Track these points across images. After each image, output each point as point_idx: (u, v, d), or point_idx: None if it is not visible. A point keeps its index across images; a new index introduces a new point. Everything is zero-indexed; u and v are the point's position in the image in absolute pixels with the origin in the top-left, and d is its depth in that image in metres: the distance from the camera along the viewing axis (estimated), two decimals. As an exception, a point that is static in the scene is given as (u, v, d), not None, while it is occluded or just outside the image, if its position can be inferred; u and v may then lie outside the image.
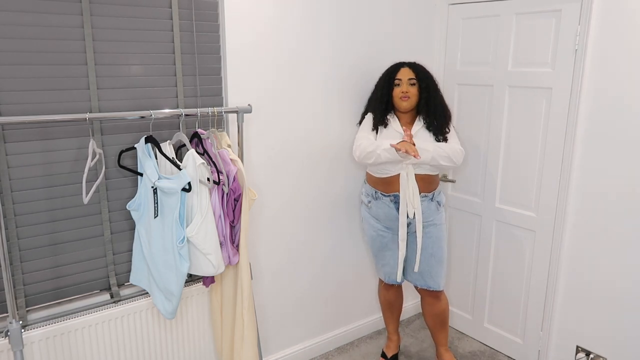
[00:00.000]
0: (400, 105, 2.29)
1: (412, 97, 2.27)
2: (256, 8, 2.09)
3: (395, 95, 2.30)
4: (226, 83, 2.08)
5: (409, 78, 2.28)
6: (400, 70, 2.30)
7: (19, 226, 1.74)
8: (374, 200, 2.36)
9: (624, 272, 2.15)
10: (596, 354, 2.30)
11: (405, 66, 2.31)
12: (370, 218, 2.41)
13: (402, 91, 2.27)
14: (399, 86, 2.28)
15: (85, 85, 1.78)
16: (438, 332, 2.49)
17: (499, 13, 2.45)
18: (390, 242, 2.39)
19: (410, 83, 2.28)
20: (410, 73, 2.28)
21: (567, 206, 2.30)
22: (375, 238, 2.42)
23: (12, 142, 1.68)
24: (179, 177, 1.74)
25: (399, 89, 2.28)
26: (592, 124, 2.17)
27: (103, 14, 1.77)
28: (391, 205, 2.31)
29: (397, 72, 2.30)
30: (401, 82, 2.28)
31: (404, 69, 2.30)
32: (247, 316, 2.00)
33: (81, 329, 1.84)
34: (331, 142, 2.48)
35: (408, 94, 2.26)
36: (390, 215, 2.33)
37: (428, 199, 2.31)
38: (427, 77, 2.31)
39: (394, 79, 2.30)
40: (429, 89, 2.29)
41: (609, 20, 2.06)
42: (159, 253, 1.83)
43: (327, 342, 2.73)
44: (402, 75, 2.28)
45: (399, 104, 2.29)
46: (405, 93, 2.26)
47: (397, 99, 2.29)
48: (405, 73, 2.28)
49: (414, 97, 2.28)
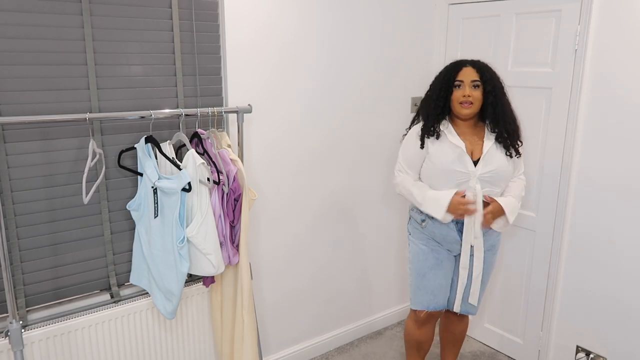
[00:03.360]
0: (461, 112, 1.94)
1: (475, 102, 1.92)
2: (256, 8, 2.09)
3: (454, 100, 1.94)
4: (226, 83, 2.08)
5: (472, 80, 1.93)
6: (462, 70, 1.95)
7: (19, 226, 1.74)
8: (429, 219, 2.02)
9: (624, 272, 2.15)
10: (596, 354, 2.30)
11: (468, 65, 1.96)
12: (421, 235, 2.08)
13: (465, 95, 1.91)
14: (460, 88, 1.93)
15: (85, 85, 1.78)
16: (450, 350, 2.36)
17: (499, 13, 2.45)
18: (446, 259, 2.06)
19: (473, 85, 1.93)
20: (474, 73, 1.93)
21: (567, 206, 2.30)
22: (427, 253, 2.05)
23: (12, 142, 1.68)
24: (179, 177, 1.74)
25: (459, 92, 1.93)
26: (592, 124, 2.17)
27: (103, 14, 1.77)
28: (451, 226, 2.00)
29: (459, 71, 1.95)
30: (463, 84, 1.93)
31: (466, 69, 1.94)
32: (247, 316, 2.00)
33: (81, 329, 1.84)
34: (332, 141, 2.48)
35: (471, 98, 1.91)
36: (448, 237, 2.02)
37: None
38: (494, 79, 1.95)
39: (454, 79, 1.95)
40: (495, 92, 1.94)
41: (608, 20, 2.06)
42: (159, 253, 1.83)
43: (327, 342, 2.73)
44: (464, 76, 1.93)
45: (459, 111, 1.94)
46: (468, 97, 1.91)
47: (456, 104, 1.94)
48: (468, 73, 1.93)
49: (478, 102, 1.93)
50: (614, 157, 2.11)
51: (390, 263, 2.92)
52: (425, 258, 2.06)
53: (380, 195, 2.75)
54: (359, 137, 2.58)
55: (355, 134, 2.56)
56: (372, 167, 2.67)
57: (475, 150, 1.97)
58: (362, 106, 2.55)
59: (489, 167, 1.93)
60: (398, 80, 2.67)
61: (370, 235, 2.78)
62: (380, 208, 2.78)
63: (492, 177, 1.94)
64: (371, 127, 2.61)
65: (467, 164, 1.93)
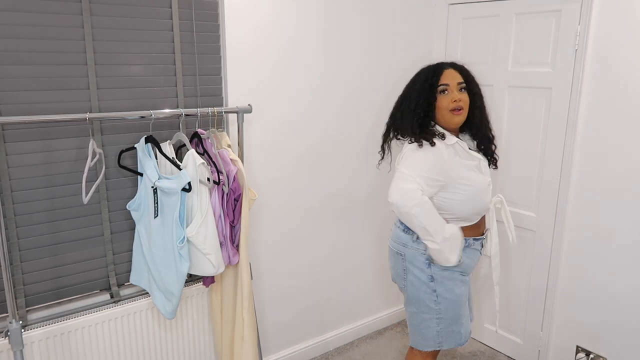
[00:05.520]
0: (453, 121, 1.69)
1: (465, 107, 1.70)
2: (256, 8, 2.09)
3: (442, 108, 1.69)
4: (226, 83, 2.08)
5: (459, 82, 1.70)
6: (444, 73, 1.71)
7: (19, 226, 1.74)
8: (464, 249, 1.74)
9: (624, 272, 2.15)
10: (596, 354, 2.30)
11: (448, 67, 1.73)
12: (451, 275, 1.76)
13: (455, 100, 1.67)
14: (447, 94, 1.69)
15: (85, 85, 1.78)
16: None
17: (499, 13, 2.45)
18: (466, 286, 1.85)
19: (460, 88, 1.70)
20: (458, 75, 1.71)
21: (567, 206, 2.30)
22: (461, 295, 1.78)
23: (12, 142, 1.68)
24: (179, 177, 1.74)
25: (447, 98, 1.68)
26: (592, 124, 2.17)
27: (103, 14, 1.77)
28: (478, 247, 1.83)
29: (441, 74, 1.71)
30: (449, 88, 1.69)
31: (448, 71, 1.72)
32: (247, 316, 2.00)
33: (81, 329, 1.84)
34: (332, 141, 2.48)
35: (461, 103, 1.68)
36: (475, 262, 1.83)
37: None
38: (475, 80, 1.76)
39: (437, 84, 1.70)
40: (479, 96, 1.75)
41: (609, 20, 2.06)
42: (159, 253, 1.83)
43: (327, 342, 2.73)
44: (448, 79, 1.69)
45: (450, 120, 1.69)
46: (459, 102, 1.67)
47: (445, 112, 1.69)
48: (452, 75, 1.70)
49: (467, 107, 1.71)
50: (614, 157, 2.11)
51: (390, 263, 2.92)
52: (459, 300, 1.77)
53: (380, 195, 2.75)
54: (358, 137, 2.58)
55: (355, 133, 2.56)
56: (372, 167, 2.67)
57: None
58: (362, 106, 2.55)
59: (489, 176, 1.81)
60: (398, 80, 2.67)
61: (370, 235, 2.78)
62: (380, 208, 2.78)
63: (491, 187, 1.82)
64: (371, 127, 2.61)
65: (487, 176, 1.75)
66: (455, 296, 1.76)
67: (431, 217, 1.62)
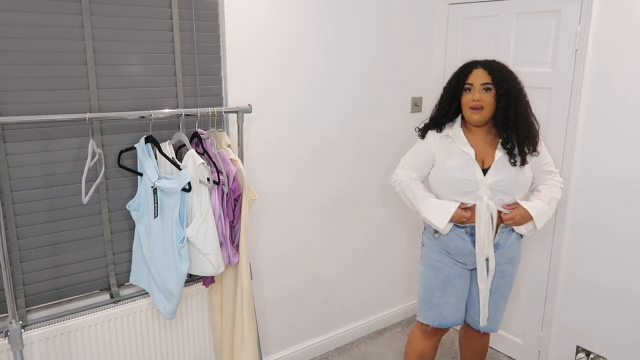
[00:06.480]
0: (471, 118, 1.81)
1: (486, 107, 1.78)
2: (256, 8, 2.09)
3: (464, 104, 1.82)
4: (226, 83, 2.08)
5: (483, 82, 1.78)
6: (472, 72, 1.81)
7: (19, 226, 1.74)
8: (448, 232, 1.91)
9: (624, 272, 2.15)
10: (596, 354, 2.30)
11: (479, 66, 1.81)
12: (435, 248, 1.96)
13: (474, 99, 1.77)
14: (470, 92, 1.80)
15: (85, 85, 1.78)
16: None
17: (499, 13, 2.45)
18: (457, 276, 1.94)
19: (484, 88, 1.78)
20: (485, 76, 1.78)
21: (567, 206, 2.30)
22: (437, 269, 1.95)
23: (12, 142, 1.68)
24: (179, 177, 1.74)
25: (469, 96, 1.80)
26: (592, 124, 2.17)
27: (103, 14, 1.77)
28: (466, 238, 1.89)
29: (469, 74, 1.81)
30: (472, 88, 1.79)
31: (477, 71, 1.80)
32: (247, 316, 2.00)
33: (81, 329, 1.84)
34: (332, 141, 2.48)
35: (481, 103, 1.77)
36: (464, 250, 1.90)
37: (508, 230, 1.89)
38: (509, 80, 1.79)
39: (464, 82, 1.81)
40: (508, 95, 1.78)
41: (608, 20, 2.06)
42: (159, 253, 1.83)
43: (327, 342, 2.73)
44: (474, 79, 1.79)
45: (469, 117, 1.81)
46: (477, 102, 1.77)
47: (466, 109, 1.82)
48: (479, 76, 1.79)
49: (489, 107, 1.79)
50: (614, 157, 2.11)
51: (390, 263, 2.92)
52: (435, 275, 1.95)
53: (380, 196, 2.75)
54: (359, 137, 2.58)
55: (355, 133, 2.56)
56: (372, 167, 2.67)
57: (486, 158, 1.86)
58: (362, 106, 2.55)
59: (500, 175, 1.81)
60: (398, 80, 2.67)
61: (370, 235, 2.78)
62: (380, 208, 2.78)
63: (504, 186, 1.83)
64: (371, 127, 2.61)
65: (476, 172, 1.83)
66: (430, 265, 1.98)
67: (412, 191, 1.95)
